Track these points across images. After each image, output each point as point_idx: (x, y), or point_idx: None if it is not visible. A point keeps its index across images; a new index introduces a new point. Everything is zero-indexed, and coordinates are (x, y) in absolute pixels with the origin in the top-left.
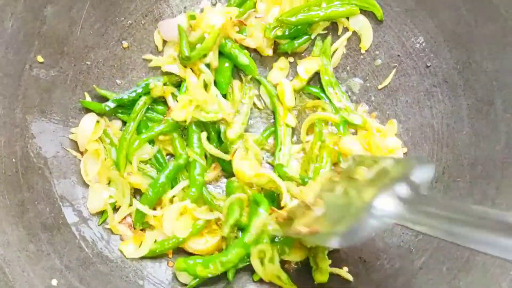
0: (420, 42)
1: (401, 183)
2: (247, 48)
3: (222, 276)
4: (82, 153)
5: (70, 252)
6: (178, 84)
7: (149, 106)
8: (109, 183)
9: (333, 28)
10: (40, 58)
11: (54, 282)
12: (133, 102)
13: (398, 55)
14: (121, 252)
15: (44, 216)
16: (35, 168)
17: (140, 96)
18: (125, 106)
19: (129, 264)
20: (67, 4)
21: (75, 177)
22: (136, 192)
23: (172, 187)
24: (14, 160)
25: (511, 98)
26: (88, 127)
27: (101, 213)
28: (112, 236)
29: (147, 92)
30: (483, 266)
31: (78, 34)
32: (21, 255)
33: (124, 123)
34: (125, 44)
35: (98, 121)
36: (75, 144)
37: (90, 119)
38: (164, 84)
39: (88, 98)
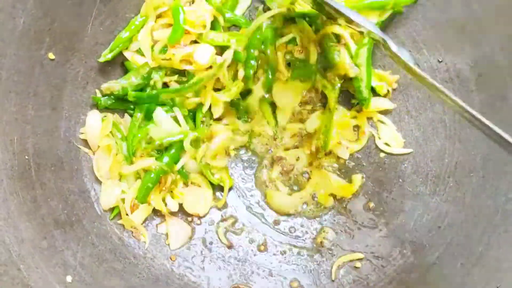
0: (431, 37)
1: None
2: None
3: None
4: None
5: (83, 248)
6: (178, 71)
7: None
8: (120, 178)
9: None
10: (51, 55)
11: (68, 278)
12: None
13: (410, 51)
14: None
15: (57, 212)
16: (47, 165)
17: (142, 88)
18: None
19: (142, 261)
20: (77, 1)
21: (87, 174)
22: None
23: None
24: (26, 157)
25: None
26: (95, 125)
27: (113, 209)
28: (125, 233)
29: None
30: (496, 261)
31: (89, 31)
32: (35, 252)
33: None
34: None
35: (106, 116)
36: (86, 141)
37: (94, 116)
38: (166, 75)
39: (99, 95)
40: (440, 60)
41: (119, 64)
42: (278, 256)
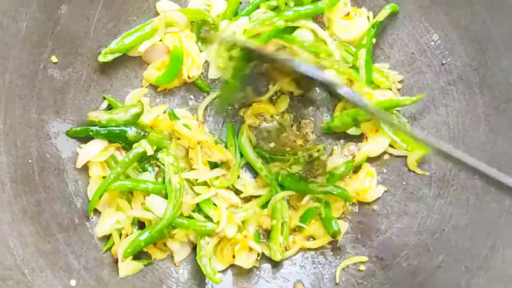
0: (435, 39)
1: None
2: None
3: None
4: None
5: (87, 252)
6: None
7: None
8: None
9: None
10: (54, 59)
11: (72, 282)
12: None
13: (413, 53)
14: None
15: (60, 216)
16: (51, 168)
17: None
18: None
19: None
20: (80, 4)
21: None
22: None
23: None
24: (30, 161)
25: None
26: (91, 151)
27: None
28: None
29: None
30: (502, 263)
31: (92, 34)
32: (39, 256)
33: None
34: None
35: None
36: None
37: (98, 144)
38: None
39: (104, 103)
40: (443, 62)
41: (122, 67)
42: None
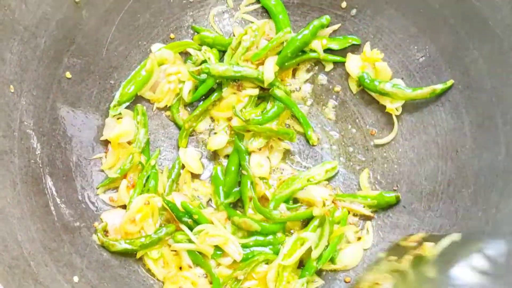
0: (423, 65)
1: (477, 255)
2: None
3: None
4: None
5: (90, 254)
6: None
7: None
8: None
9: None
10: (68, 74)
11: (75, 279)
12: None
13: (403, 78)
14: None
15: (66, 219)
16: (60, 174)
17: None
18: None
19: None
20: (95, 26)
21: (98, 184)
22: None
23: None
24: (40, 166)
25: (509, 111)
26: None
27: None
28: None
29: None
30: None
31: (104, 54)
32: (45, 251)
33: None
34: None
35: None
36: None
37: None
38: None
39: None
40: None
41: None
42: None
